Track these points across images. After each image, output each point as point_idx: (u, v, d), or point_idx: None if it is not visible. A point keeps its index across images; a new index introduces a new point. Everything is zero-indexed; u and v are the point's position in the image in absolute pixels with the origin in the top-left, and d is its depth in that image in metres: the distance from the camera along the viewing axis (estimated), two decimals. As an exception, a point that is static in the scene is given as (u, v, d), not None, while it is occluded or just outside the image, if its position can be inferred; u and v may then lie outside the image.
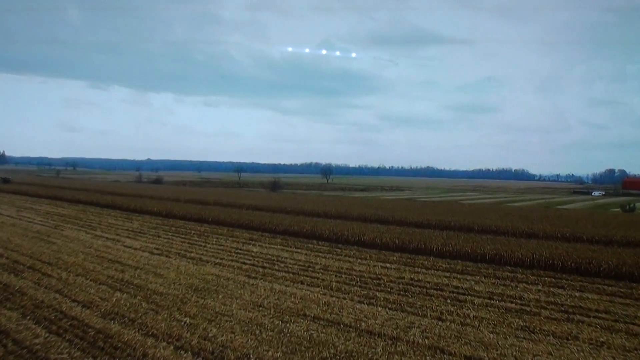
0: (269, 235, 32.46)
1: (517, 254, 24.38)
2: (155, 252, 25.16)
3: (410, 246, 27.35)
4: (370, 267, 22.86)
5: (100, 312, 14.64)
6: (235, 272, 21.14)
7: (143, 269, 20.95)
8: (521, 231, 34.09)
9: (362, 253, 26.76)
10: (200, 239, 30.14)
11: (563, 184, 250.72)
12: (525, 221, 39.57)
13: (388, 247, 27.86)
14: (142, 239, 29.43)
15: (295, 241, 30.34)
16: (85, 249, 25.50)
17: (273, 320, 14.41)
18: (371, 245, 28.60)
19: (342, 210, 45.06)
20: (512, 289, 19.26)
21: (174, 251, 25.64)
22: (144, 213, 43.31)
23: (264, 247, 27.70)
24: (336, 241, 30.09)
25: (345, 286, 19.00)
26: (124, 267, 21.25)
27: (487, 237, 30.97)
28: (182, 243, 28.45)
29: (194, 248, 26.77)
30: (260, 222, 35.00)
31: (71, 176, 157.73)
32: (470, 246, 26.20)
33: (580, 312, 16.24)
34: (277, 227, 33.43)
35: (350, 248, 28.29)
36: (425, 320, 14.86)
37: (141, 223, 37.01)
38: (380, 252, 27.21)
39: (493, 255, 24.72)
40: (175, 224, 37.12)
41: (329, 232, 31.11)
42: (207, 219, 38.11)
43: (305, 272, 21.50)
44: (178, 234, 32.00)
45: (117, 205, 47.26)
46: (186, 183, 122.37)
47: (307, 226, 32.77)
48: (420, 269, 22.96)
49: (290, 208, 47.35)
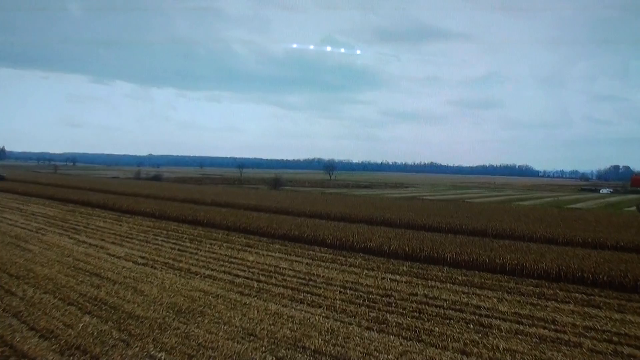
0: (267, 240, 30.07)
1: (541, 264, 21.92)
2: (140, 262, 22.79)
3: (421, 254, 24.92)
4: (378, 280, 20.46)
5: (59, 344, 12.28)
6: (226, 287, 18.76)
7: (122, 284, 18.60)
8: (539, 236, 31.61)
9: (369, 262, 24.35)
10: (192, 245, 27.77)
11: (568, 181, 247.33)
12: (541, 224, 37.07)
13: (397, 255, 25.44)
14: (129, 245, 27.07)
15: (295, 247, 27.95)
16: (63, 257, 23.16)
17: (265, 355, 12.04)
18: (378, 252, 26.19)
19: (345, 211, 42.63)
20: (541, 309, 16.82)
21: (161, 260, 23.26)
22: (136, 214, 40.98)
23: (260, 255, 25.31)
24: (340, 247, 27.68)
25: (351, 306, 16.60)
26: (101, 281, 18.90)
27: (504, 243, 28.50)
28: (172, 250, 26.08)
29: (183, 256, 24.40)
30: (258, 225, 32.60)
31: (69, 172, 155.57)
32: (487, 255, 23.75)
33: (627, 341, 13.80)
34: (276, 231, 31.03)
35: (355, 256, 25.88)
36: (447, 355, 12.46)
37: (131, 226, 34.66)
38: (388, 260, 24.80)
39: (514, 266, 22.28)
40: (167, 226, 34.76)
41: (332, 237, 28.69)
42: (202, 221, 35.74)
43: (305, 286, 19.11)
44: (169, 239, 29.63)
45: (108, 205, 44.94)
46: (186, 180, 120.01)
47: (309, 230, 30.35)
48: (434, 282, 20.54)
49: (291, 208, 44.94)
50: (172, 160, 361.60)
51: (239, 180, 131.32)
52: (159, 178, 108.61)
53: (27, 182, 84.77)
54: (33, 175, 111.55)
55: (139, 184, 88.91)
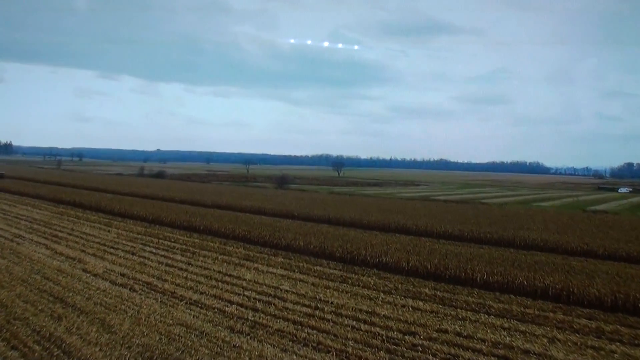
0: (268, 251, 26.74)
1: (591, 289, 18.38)
2: (119, 282, 19.54)
3: (445, 273, 21.47)
4: (397, 309, 17.06)
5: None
6: (215, 319, 15.46)
7: (90, 315, 15.34)
8: (575, 248, 28.06)
9: (385, 282, 20.95)
10: (183, 258, 24.49)
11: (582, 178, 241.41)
12: (572, 232, 33.45)
13: (417, 273, 22.03)
14: (111, 258, 23.83)
15: (300, 261, 24.60)
16: (31, 275, 19.96)
17: None
18: (395, 269, 22.77)
19: (356, 215, 39.19)
20: (607, 357, 13.33)
21: (144, 279, 19.99)
22: (129, 217, 37.82)
23: (260, 272, 21.98)
24: (351, 262, 24.30)
25: (367, 350, 13.25)
26: (65, 311, 15.67)
27: (539, 259, 25.05)
28: (159, 265, 22.81)
29: (170, 274, 21.12)
30: (259, 233, 29.27)
31: (73, 168, 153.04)
32: (524, 275, 20.26)
33: None
34: (279, 241, 27.70)
35: (369, 273, 22.50)
36: None
37: (120, 232, 31.47)
38: (407, 280, 21.38)
39: (558, 291, 18.78)
40: (159, 233, 31.54)
41: (341, 249, 25.32)
42: (198, 227, 32.47)
43: (311, 318, 15.76)
44: (158, 250, 26.39)
45: (101, 207, 41.82)
46: (191, 177, 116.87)
47: (316, 241, 26.96)
48: (464, 311, 17.12)
49: (296, 212, 41.60)
50: (180, 156, 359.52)
51: (245, 177, 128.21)
52: (162, 175, 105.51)
53: (25, 179, 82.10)
54: (34, 172, 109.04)
55: (139, 182, 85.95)
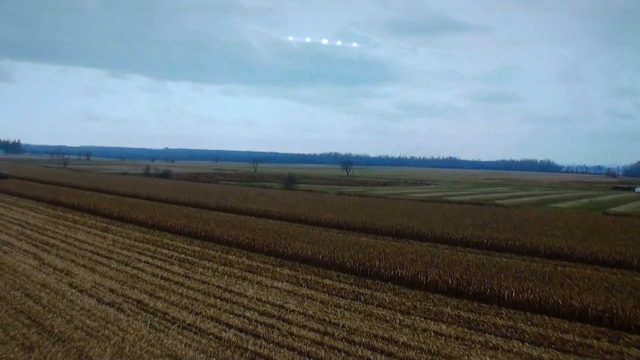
0: (273, 261, 24.74)
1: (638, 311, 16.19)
2: (107, 300, 17.64)
3: (469, 289, 19.34)
4: (418, 335, 14.99)
5: None
6: (209, 349, 13.50)
7: (67, 342, 13.45)
8: (606, 258, 25.84)
9: (402, 298, 18.89)
10: (180, 270, 22.56)
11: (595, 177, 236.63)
12: (601, 240, 31.07)
13: (437, 288, 19.93)
14: (102, 270, 21.95)
15: (308, 273, 22.58)
16: (11, 291, 18.14)
17: None
18: (413, 283, 20.67)
19: (367, 219, 37.07)
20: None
21: (135, 297, 18.06)
22: (127, 221, 36.01)
23: (263, 287, 19.99)
24: (363, 274, 22.24)
25: (387, 393, 11.18)
26: (40, 337, 13.79)
27: (569, 270, 22.84)
28: (153, 278, 20.88)
29: (165, 289, 19.19)
30: (265, 241, 27.27)
31: (79, 167, 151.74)
32: (558, 293, 18.09)
33: None
34: (285, 250, 25.70)
35: (383, 287, 20.44)
36: None
37: (116, 239, 29.64)
38: (426, 296, 19.30)
39: (599, 313, 16.59)
40: (158, 240, 29.65)
41: (353, 259, 23.25)
42: (199, 233, 30.54)
43: (319, 348, 13.74)
44: (155, 259, 24.49)
45: (99, 210, 40.04)
46: (197, 176, 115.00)
47: (325, 250, 24.90)
48: (494, 337, 15.02)
49: (304, 215, 39.57)
50: (188, 154, 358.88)
51: (252, 176, 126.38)
52: (167, 175, 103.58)
53: (29, 179, 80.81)
54: (38, 172, 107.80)
55: (143, 182, 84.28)
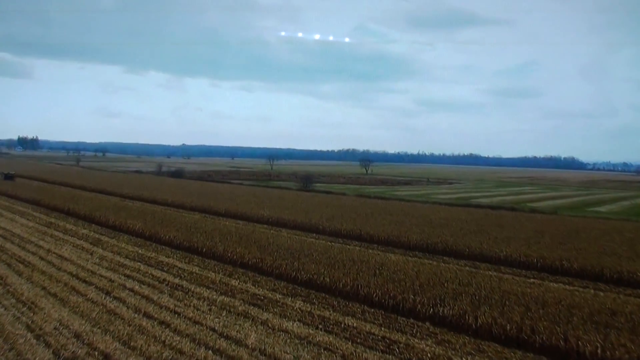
0: (284, 289, 20.52)
1: None
2: (66, 352, 13.60)
3: (535, 339, 14.85)
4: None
5: None
6: None
7: None
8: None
9: (448, 350, 14.51)
10: (171, 301, 18.48)
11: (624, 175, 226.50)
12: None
13: (492, 335, 15.50)
14: (75, 301, 17.95)
15: (325, 306, 18.38)
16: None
17: None
18: (458, 326, 16.29)
19: (394, 231, 32.55)
20: None
21: (102, 347, 13.95)
22: (123, 231, 32.21)
23: (270, 330, 15.79)
24: (395, 310, 17.91)
25: None
26: None
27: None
28: (135, 315, 16.80)
29: (145, 333, 15.09)
30: (275, 262, 23.06)
31: (92, 165, 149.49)
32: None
33: None
34: (298, 274, 21.49)
35: (421, 330, 16.13)
36: None
37: (104, 254, 25.77)
38: (478, 345, 14.92)
39: None
40: (152, 257, 25.68)
41: (381, 290, 18.90)
42: (200, 249, 26.48)
43: None
44: (143, 285, 20.47)
45: (94, 217, 36.26)
46: (211, 174, 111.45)
47: (347, 276, 20.56)
48: None
49: (322, 225, 35.23)
50: (205, 151, 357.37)
51: (268, 174, 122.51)
52: (179, 174, 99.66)
53: (36, 178, 78.12)
54: (48, 170, 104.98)
55: (153, 182, 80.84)
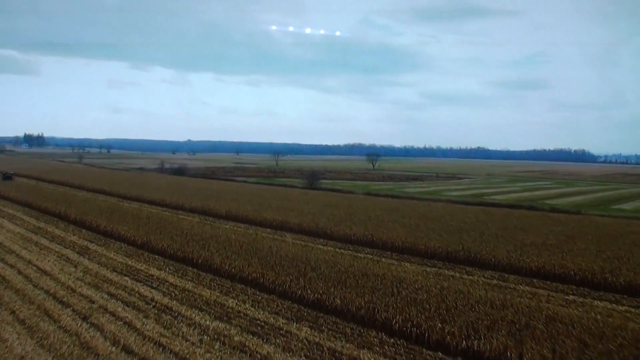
0: (289, 311, 17.81)
1: None
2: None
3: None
4: None
5: None
6: None
7: None
8: None
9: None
10: (156, 328, 15.83)
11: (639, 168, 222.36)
12: None
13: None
14: (47, 330, 15.37)
15: (336, 336, 15.65)
16: None
17: None
18: (498, 364, 13.52)
19: (408, 236, 29.70)
20: None
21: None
22: (114, 238, 29.69)
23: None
24: (417, 341, 15.16)
25: None
26: None
27: None
28: (112, 348, 14.16)
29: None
30: (278, 277, 20.36)
31: (95, 162, 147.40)
32: None
33: None
34: (304, 293, 18.76)
35: (453, 370, 13.35)
36: None
37: (91, 266, 23.22)
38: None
39: None
40: (142, 270, 23.06)
41: (402, 317, 16.12)
42: (195, 260, 23.84)
43: None
44: (127, 307, 17.84)
45: (86, 222, 33.74)
46: (215, 171, 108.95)
47: (361, 298, 17.81)
48: None
49: (329, 229, 32.47)
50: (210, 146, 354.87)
51: (273, 171, 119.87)
52: (181, 172, 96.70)
53: (34, 178, 75.88)
54: (49, 169, 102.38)
55: (154, 180, 78.36)
